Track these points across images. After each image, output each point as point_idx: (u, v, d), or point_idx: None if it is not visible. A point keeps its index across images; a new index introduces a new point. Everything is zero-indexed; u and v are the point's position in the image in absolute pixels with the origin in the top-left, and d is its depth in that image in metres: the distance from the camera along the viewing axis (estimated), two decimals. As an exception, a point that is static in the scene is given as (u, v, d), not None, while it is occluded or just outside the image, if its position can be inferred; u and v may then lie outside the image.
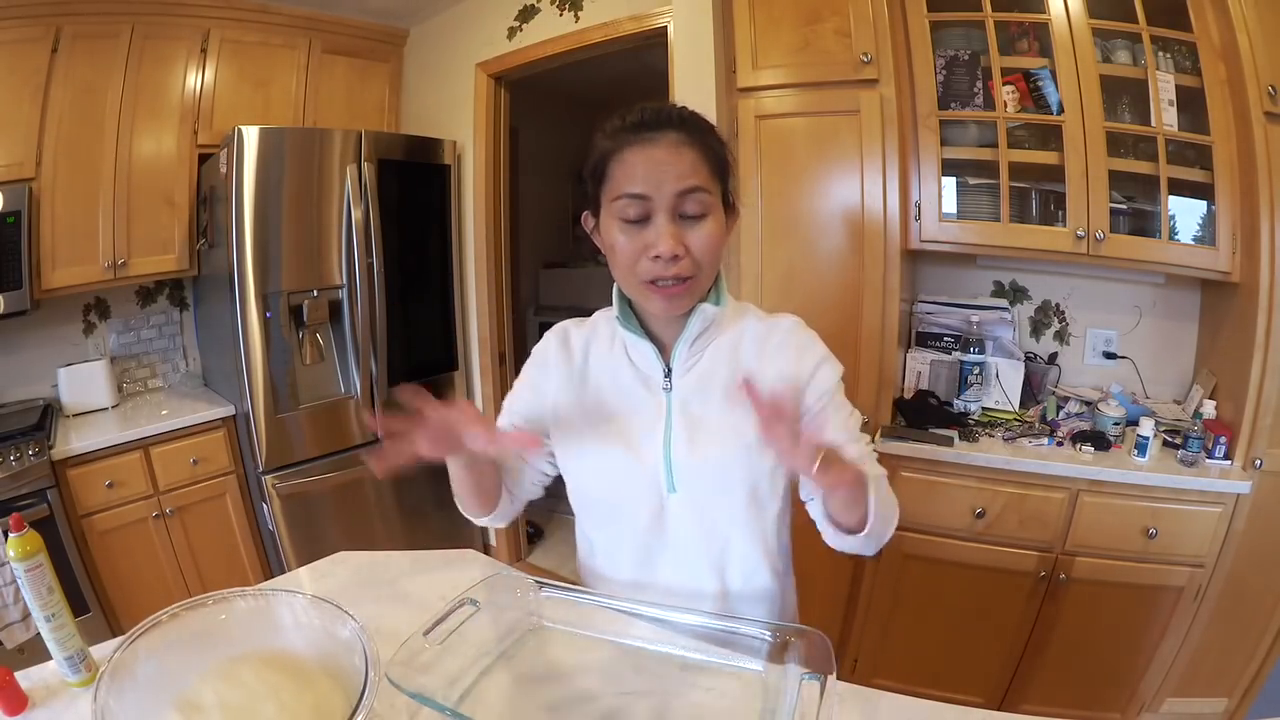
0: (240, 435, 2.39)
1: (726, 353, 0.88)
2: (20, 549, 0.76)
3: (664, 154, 0.78)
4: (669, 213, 0.78)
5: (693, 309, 0.85)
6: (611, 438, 0.89)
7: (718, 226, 0.81)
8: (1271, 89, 1.52)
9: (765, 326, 0.90)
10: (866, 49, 1.76)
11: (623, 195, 0.79)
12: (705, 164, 0.79)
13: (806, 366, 0.87)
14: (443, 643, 0.78)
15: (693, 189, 0.78)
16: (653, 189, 0.77)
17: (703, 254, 0.80)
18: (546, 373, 0.94)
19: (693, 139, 0.79)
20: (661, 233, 0.77)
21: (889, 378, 1.89)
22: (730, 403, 0.84)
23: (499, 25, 2.64)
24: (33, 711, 0.76)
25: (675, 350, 0.87)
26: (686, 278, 0.80)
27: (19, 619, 1.81)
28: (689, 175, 0.78)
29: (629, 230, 0.79)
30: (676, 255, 0.77)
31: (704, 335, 0.87)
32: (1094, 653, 1.77)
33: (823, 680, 0.67)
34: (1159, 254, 1.73)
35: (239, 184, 2.16)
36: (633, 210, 0.78)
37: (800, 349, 0.88)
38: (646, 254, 0.78)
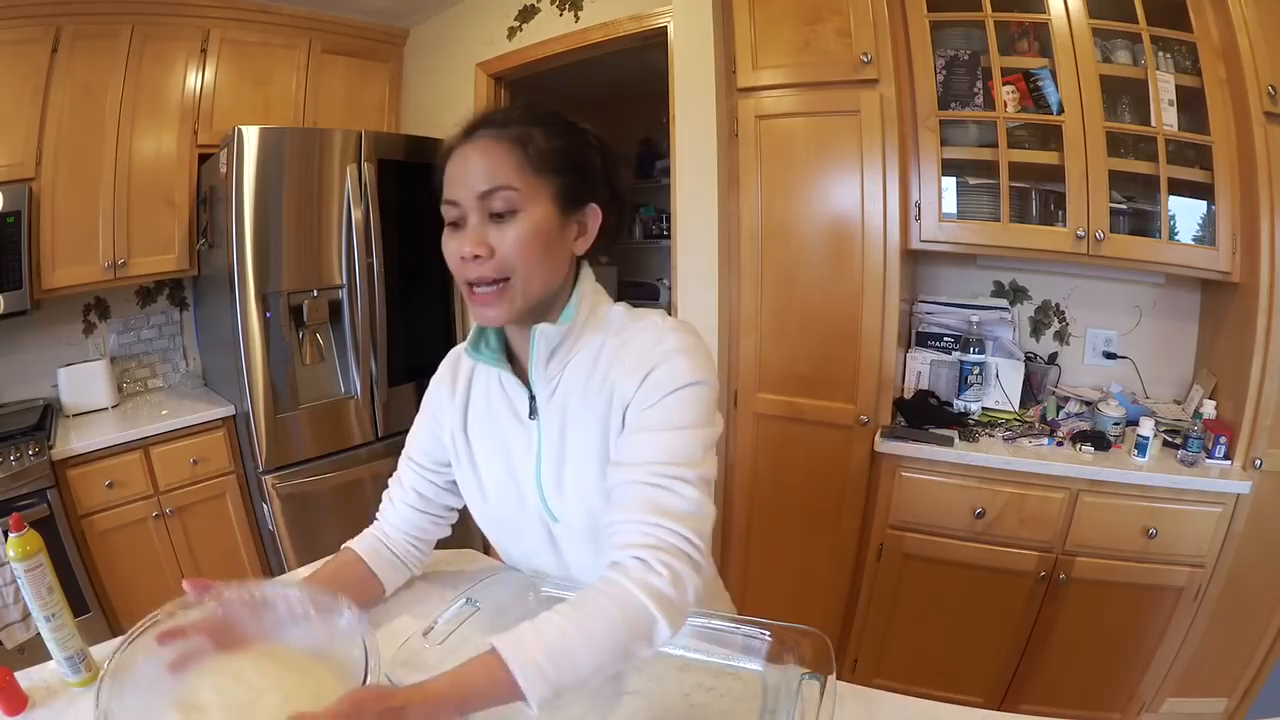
0: (240, 435, 2.39)
1: (584, 370, 0.80)
2: (20, 549, 0.76)
3: (474, 154, 0.75)
4: (478, 213, 0.74)
5: (532, 330, 0.78)
6: (495, 471, 0.86)
7: (531, 224, 0.74)
8: (1271, 89, 1.52)
9: (619, 338, 0.79)
10: (866, 49, 1.76)
11: (442, 202, 0.77)
12: (516, 158, 0.74)
13: (637, 376, 0.75)
14: (443, 643, 0.78)
15: (495, 189, 0.73)
16: (460, 194, 0.75)
17: (511, 253, 0.74)
18: (440, 402, 0.92)
19: (505, 134, 0.75)
20: (465, 235, 0.75)
21: (889, 378, 1.89)
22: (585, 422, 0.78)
23: (499, 25, 2.64)
24: (33, 711, 0.76)
25: (533, 379, 0.82)
26: (498, 280, 0.74)
27: (19, 619, 1.81)
28: (492, 175, 0.73)
29: (449, 237, 0.77)
30: (477, 255, 0.73)
31: (557, 355, 0.81)
32: (1094, 653, 1.77)
33: (823, 680, 0.67)
34: (1159, 254, 1.73)
35: (239, 184, 2.16)
36: (451, 214, 0.76)
37: (641, 355, 0.75)
38: (459, 257, 0.75)
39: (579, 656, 0.62)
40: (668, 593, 0.65)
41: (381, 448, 2.60)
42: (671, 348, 0.75)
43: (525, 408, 0.83)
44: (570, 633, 0.63)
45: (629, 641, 0.64)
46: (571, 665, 0.62)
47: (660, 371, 0.74)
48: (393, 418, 2.64)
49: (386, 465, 2.61)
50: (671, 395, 0.73)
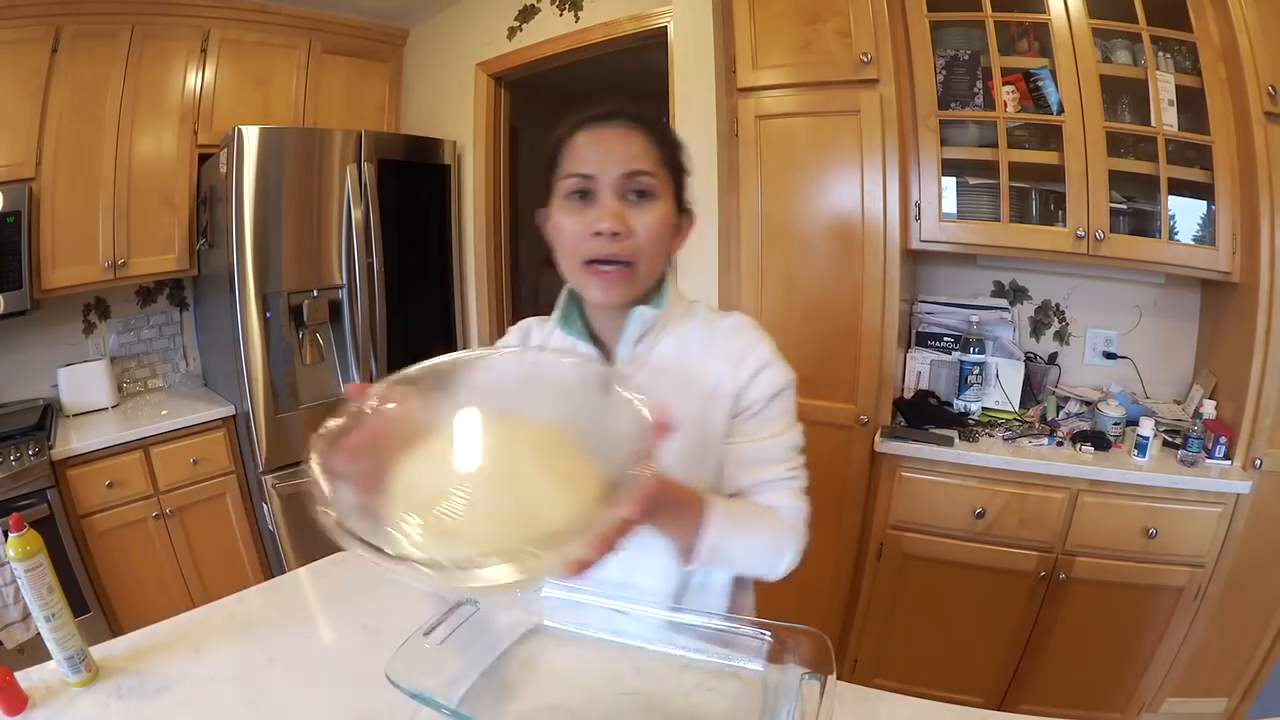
0: (240, 435, 2.39)
1: (674, 356, 0.85)
2: (20, 549, 0.76)
3: (615, 137, 0.78)
4: (614, 191, 0.77)
5: (631, 312, 0.82)
6: None
7: (666, 213, 0.80)
8: (1271, 89, 1.52)
9: (708, 331, 0.86)
10: (866, 49, 1.76)
11: (570, 174, 0.78)
12: (655, 152, 0.79)
13: (745, 372, 0.83)
14: (443, 643, 0.78)
15: (639, 171, 0.77)
16: (598, 169, 0.77)
17: (646, 238, 0.77)
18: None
19: (643, 128, 0.79)
20: (605, 209, 0.76)
21: (889, 378, 1.89)
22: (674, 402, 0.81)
23: (499, 25, 2.64)
24: (33, 711, 0.76)
25: (618, 354, 0.85)
26: (626, 262, 0.77)
27: (19, 619, 1.81)
28: (636, 158, 0.77)
29: (573, 209, 0.78)
30: (617, 232, 0.76)
31: (646, 338, 0.85)
32: (1094, 653, 1.77)
33: (823, 680, 0.67)
34: (1159, 254, 1.73)
35: (239, 184, 2.16)
36: (576, 184, 0.78)
37: (742, 352, 0.84)
38: (589, 232, 0.77)
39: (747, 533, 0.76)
40: (801, 537, 0.82)
41: (381, 448, 2.60)
42: (772, 348, 0.85)
43: None
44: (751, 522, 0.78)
45: (775, 553, 0.79)
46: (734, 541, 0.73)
47: (772, 370, 0.83)
48: (393, 418, 2.64)
49: (386, 465, 2.61)
50: (783, 395, 0.84)
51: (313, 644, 0.91)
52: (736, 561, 0.78)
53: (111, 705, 0.77)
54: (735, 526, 0.74)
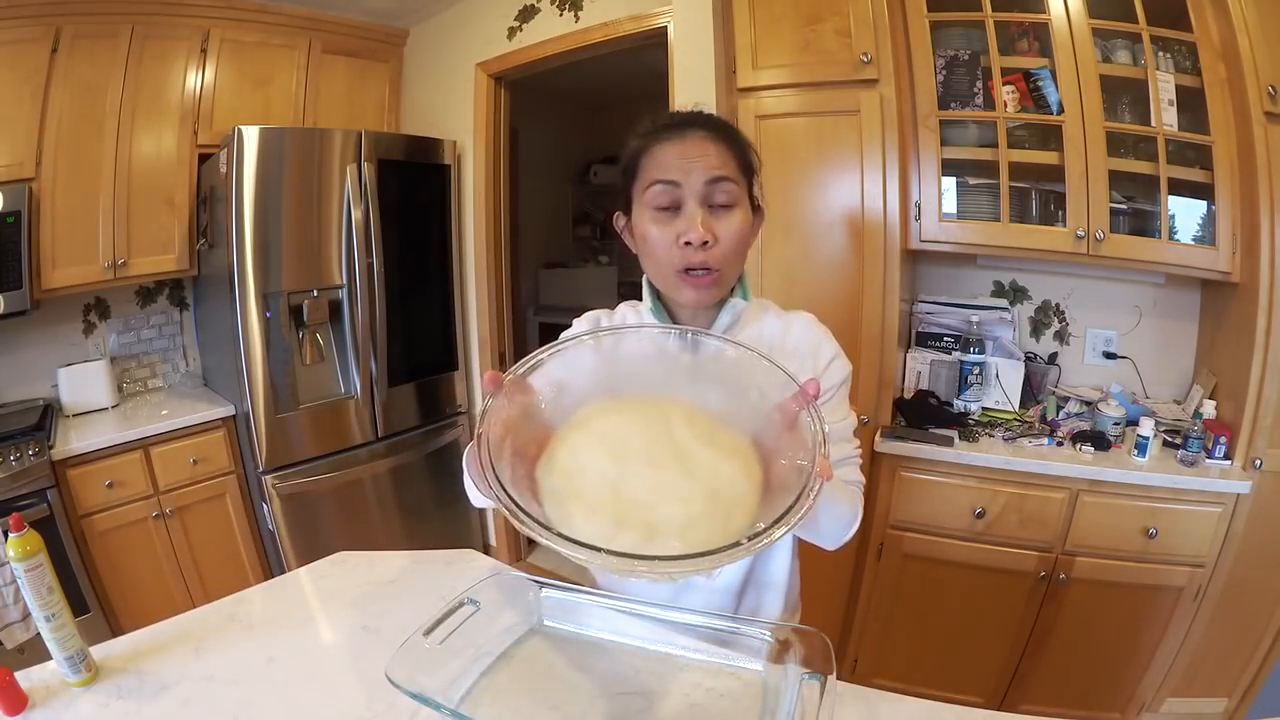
0: (240, 435, 2.39)
1: (750, 343, 0.89)
2: (20, 549, 0.76)
3: (693, 146, 0.81)
4: (699, 200, 0.81)
5: (722, 302, 0.89)
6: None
7: (745, 219, 0.84)
8: (1271, 89, 1.52)
9: (783, 323, 0.93)
10: (866, 49, 1.76)
11: (655, 182, 0.82)
12: (732, 159, 0.83)
13: (822, 360, 0.90)
14: (443, 643, 0.78)
15: (721, 178, 0.81)
16: (683, 176, 0.81)
17: (730, 244, 0.82)
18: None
19: (720, 136, 0.83)
20: (692, 220, 0.80)
21: (889, 378, 1.89)
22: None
23: (499, 25, 2.64)
24: (33, 711, 0.76)
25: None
26: (714, 269, 0.82)
27: (19, 619, 1.81)
28: (717, 166, 0.81)
29: (660, 219, 0.83)
30: (706, 241, 0.80)
31: (730, 329, 0.90)
32: (1094, 653, 1.77)
33: (823, 680, 0.67)
34: (1159, 254, 1.73)
35: (239, 184, 2.16)
36: (664, 198, 0.81)
37: (815, 345, 0.91)
38: (677, 241, 0.81)
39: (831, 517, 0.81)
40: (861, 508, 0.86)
41: (382, 448, 2.60)
42: (835, 343, 0.92)
43: None
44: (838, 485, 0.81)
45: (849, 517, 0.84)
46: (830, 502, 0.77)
47: (839, 363, 0.91)
48: (393, 418, 2.64)
49: (386, 465, 2.61)
50: (845, 383, 0.91)
51: (313, 644, 0.91)
52: (824, 525, 0.82)
53: (111, 705, 0.77)
54: (830, 492, 0.77)
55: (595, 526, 0.53)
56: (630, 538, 0.52)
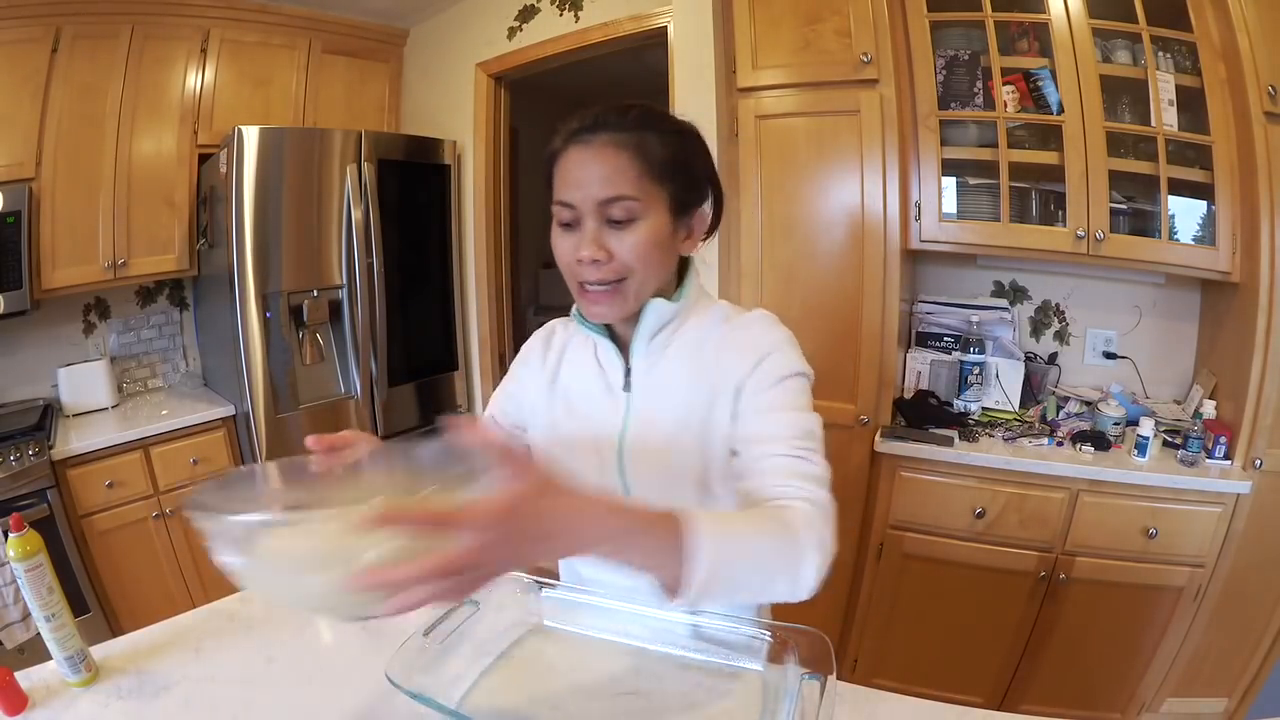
0: (240, 435, 2.39)
1: (690, 351, 0.83)
2: (20, 549, 0.76)
3: (593, 159, 0.76)
4: (595, 217, 0.76)
5: (646, 305, 0.82)
6: (576, 441, 0.88)
7: (653, 229, 0.77)
8: (1271, 89, 1.52)
9: (729, 326, 0.84)
10: (866, 49, 1.76)
11: (556, 202, 0.79)
12: (637, 167, 0.75)
13: (749, 362, 0.79)
14: (443, 643, 0.78)
15: (616, 197, 0.75)
16: (578, 196, 0.76)
17: (631, 258, 0.77)
18: (529, 367, 0.96)
19: (628, 140, 0.76)
20: (584, 238, 0.77)
21: (889, 378, 1.89)
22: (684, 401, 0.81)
23: (499, 25, 2.64)
24: (33, 711, 0.76)
25: (634, 350, 0.85)
26: (614, 281, 0.78)
27: (19, 619, 1.81)
28: (613, 183, 0.75)
29: (562, 234, 0.79)
30: (597, 260, 0.76)
31: (664, 332, 0.84)
32: (1094, 653, 1.77)
33: (823, 680, 0.67)
34: (1159, 254, 1.73)
35: (239, 184, 2.16)
36: (565, 214, 0.78)
37: (754, 342, 0.81)
38: (574, 258, 0.78)
39: (749, 550, 0.60)
40: (825, 536, 0.65)
41: (381, 448, 2.60)
42: (782, 338, 0.81)
43: (620, 380, 0.86)
44: (746, 528, 0.62)
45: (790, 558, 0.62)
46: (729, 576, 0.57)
47: (776, 357, 0.79)
48: (393, 417, 2.64)
49: (386, 465, 2.61)
50: (789, 380, 0.79)
51: (313, 644, 0.91)
52: (745, 587, 0.62)
53: (111, 705, 0.77)
54: (733, 542, 0.59)
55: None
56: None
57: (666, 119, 0.81)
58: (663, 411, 0.83)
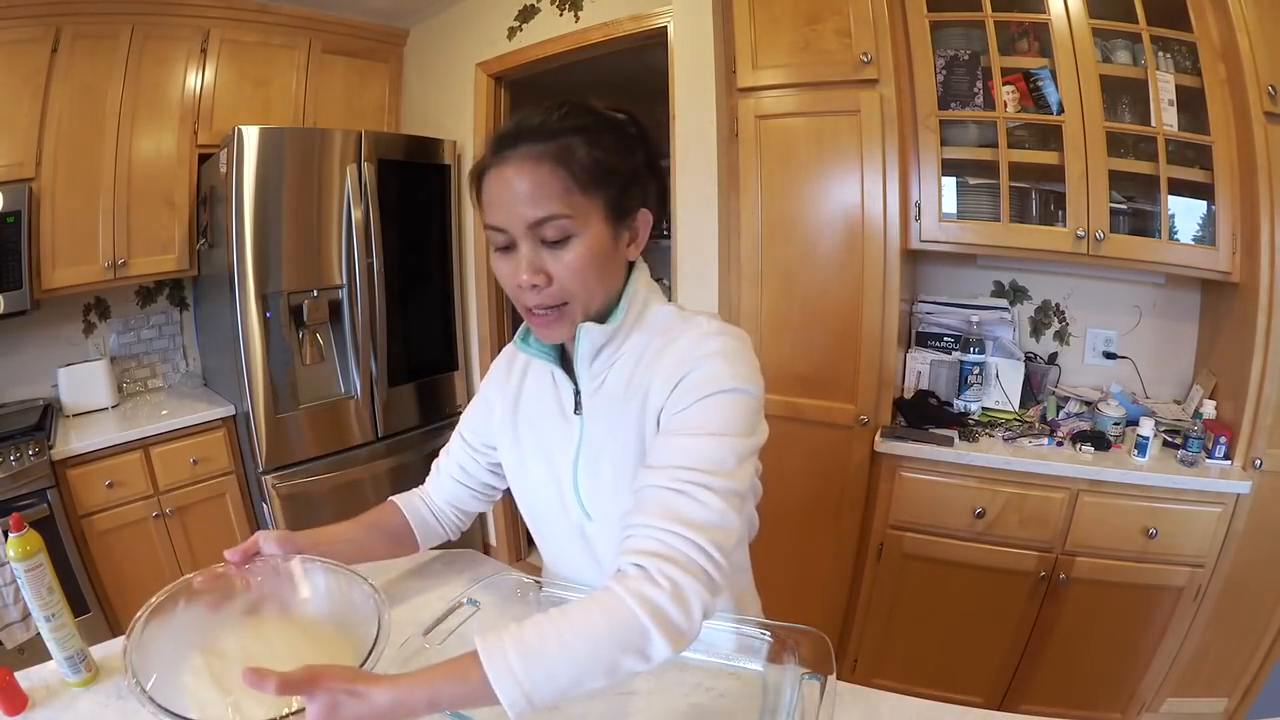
0: (240, 435, 2.39)
1: (628, 369, 0.78)
2: (20, 549, 0.76)
3: (515, 176, 0.70)
4: (528, 240, 0.72)
5: (579, 330, 0.77)
6: (536, 464, 0.87)
7: (591, 243, 0.72)
8: (1271, 89, 1.51)
9: (665, 340, 0.77)
10: (866, 49, 1.76)
11: (486, 226, 0.74)
12: (562, 179, 0.70)
13: (672, 379, 0.72)
14: (443, 643, 0.78)
15: (546, 218, 0.70)
16: (506, 220, 0.72)
17: (569, 280, 0.72)
18: (495, 386, 0.94)
19: (548, 150, 0.70)
20: (520, 263, 0.72)
21: (889, 378, 1.89)
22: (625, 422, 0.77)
23: (499, 25, 2.64)
24: (33, 711, 0.76)
25: (579, 374, 0.81)
26: (556, 305, 0.74)
27: (19, 619, 1.81)
28: (539, 202, 0.70)
29: (500, 258, 0.75)
30: (535, 285, 0.72)
31: (604, 353, 0.79)
32: (1094, 653, 1.77)
33: (823, 680, 0.67)
34: (1159, 254, 1.73)
35: (239, 184, 2.16)
36: (498, 239, 0.74)
37: (680, 357, 0.73)
38: (515, 283, 0.74)
39: (556, 665, 0.58)
40: (665, 606, 0.60)
41: (381, 448, 2.60)
42: (712, 351, 0.72)
43: (571, 403, 0.83)
44: (550, 638, 0.59)
45: (615, 655, 0.60)
46: (546, 673, 0.58)
47: (697, 375, 0.71)
48: (393, 418, 2.64)
49: (386, 465, 2.61)
50: (707, 399, 0.70)
51: (313, 644, 0.91)
52: (579, 683, 0.60)
53: (111, 705, 0.77)
54: (541, 655, 0.58)
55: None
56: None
57: (590, 114, 0.75)
58: (609, 433, 0.79)
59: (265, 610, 0.79)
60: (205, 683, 0.68)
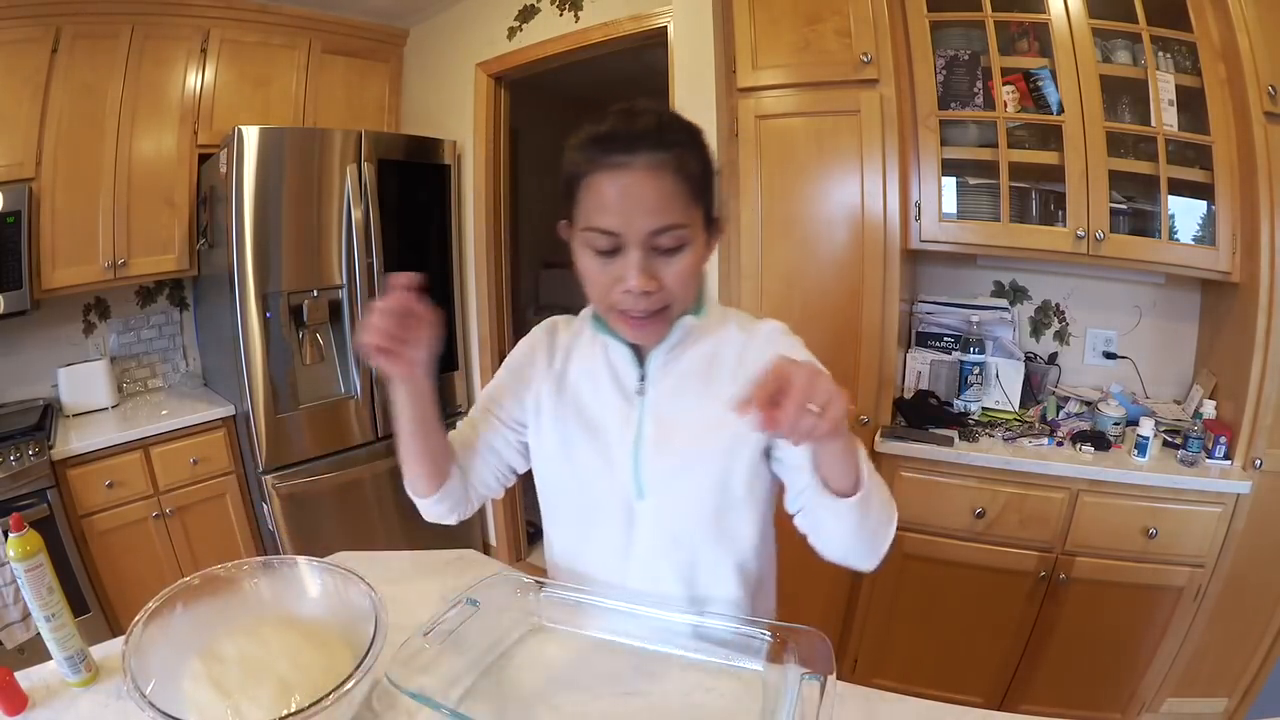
0: (240, 435, 2.39)
1: (704, 360, 0.85)
2: (20, 549, 0.76)
3: (637, 185, 0.71)
4: (641, 248, 0.73)
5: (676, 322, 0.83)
6: (584, 440, 0.88)
7: (695, 257, 0.76)
8: (1271, 89, 1.52)
9: (745, 335, 0.86)
10: (866, 49, 1.76)
11: (592, 228, 0.74)
12: (683, 191, 0.73)
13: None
14: (443, 643, 0.78)
15: (666, 228, 0.72)
16: (623, 226, 0.72)
17: (677, 286, 0.76)
18: (534, 364, 0.93)
19: (669, 160, 0.72)
20: (633, 268, 0.73)
21: (889, 378, 1.89)
22: (709, 405, 0.82)
23: (499, 25, 2.64)
24: (33, 711, 0.76)
25: (652, 356, 0.85)
26: (659, 309, 0.77)
27: (19, 619, 1.81)
28: (663, 211, 0.72)
29: (599, 261, 0.75)
30: (648, 291, 0.74)
31: (682, 343, 0.85)
32: (1094, 653, 1.77)
33: (823, 680, 0.67)
34: (1159, 254, 1.73)
35: (239, 184, 2.16)
36: (604, 242, 0.74)
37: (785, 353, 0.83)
38: (617, 286, 0.75)
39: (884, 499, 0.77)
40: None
41: (381, 448, 2.60)
42: (808, 356, 0.83)
43: (634, 384, 0.86)
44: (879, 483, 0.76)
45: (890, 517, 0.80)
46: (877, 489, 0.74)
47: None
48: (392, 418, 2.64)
49: (386, 465, 2.61)
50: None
51: (313, 644, 0.91)
52: (875, 511, 0.75)
53: (111, 705, 0.77)
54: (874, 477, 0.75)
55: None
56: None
57: (694, 129, 0.78)
58: (681, 416, 0.84)
59: (263, 612, 0.79)
60: (204, 686, 0.68)
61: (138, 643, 0.68)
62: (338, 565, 0.81)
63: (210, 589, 0.78)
